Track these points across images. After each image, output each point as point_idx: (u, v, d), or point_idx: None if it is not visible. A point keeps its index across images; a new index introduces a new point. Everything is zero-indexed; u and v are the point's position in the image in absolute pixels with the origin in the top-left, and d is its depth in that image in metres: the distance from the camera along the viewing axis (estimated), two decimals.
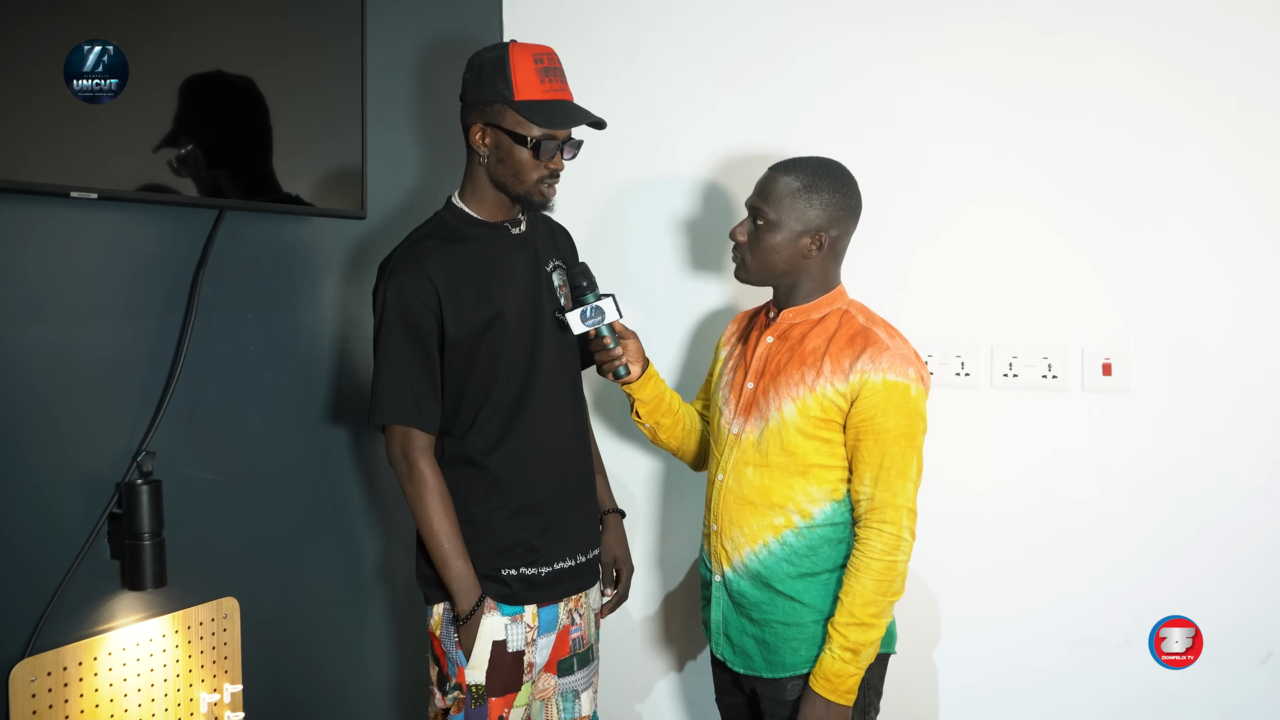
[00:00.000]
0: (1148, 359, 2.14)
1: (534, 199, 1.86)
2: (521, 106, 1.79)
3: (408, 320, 1.80)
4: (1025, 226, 2.19)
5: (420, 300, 1.80)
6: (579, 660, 1.97)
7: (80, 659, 1.55)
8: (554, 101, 1.81)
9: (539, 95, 1.80)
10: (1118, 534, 2.17)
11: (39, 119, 1.44)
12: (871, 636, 1.75)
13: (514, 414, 1.87)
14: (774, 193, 1.81)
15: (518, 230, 1.93)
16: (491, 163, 1.85)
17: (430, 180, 2.29)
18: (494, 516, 1.86)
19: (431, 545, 1.82)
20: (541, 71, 1.81)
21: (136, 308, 1.67)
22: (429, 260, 1.82)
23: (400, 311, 1.80)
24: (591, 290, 1.89)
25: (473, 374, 1.84)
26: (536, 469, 1.89)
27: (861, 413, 1.75)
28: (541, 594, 1.88)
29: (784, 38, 2.34)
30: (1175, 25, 2.09)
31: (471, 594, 1.82)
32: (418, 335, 1.81)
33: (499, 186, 1.87)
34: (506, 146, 1.82)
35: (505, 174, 1.84)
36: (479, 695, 1.84)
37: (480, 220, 1.89)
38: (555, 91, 1.82)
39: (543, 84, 1.80)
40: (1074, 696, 2.20)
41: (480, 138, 1.84)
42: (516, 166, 1.83)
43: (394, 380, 1.81)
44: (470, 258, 1.86)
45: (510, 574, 1.86)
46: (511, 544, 1.86)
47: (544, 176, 1.84)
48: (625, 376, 1.93)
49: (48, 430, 1.55)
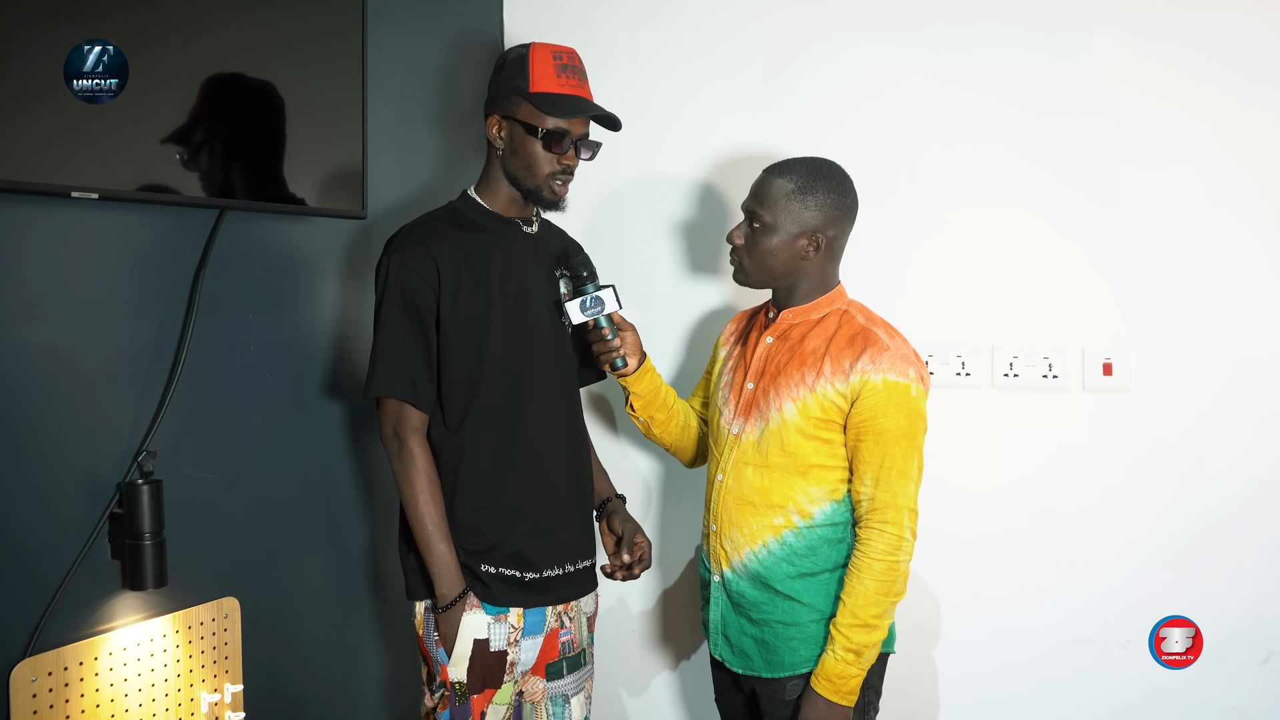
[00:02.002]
0: (1148, 359, 2.14)
1: (544, 195, 1.86)
2: (535, 98, 1.81)
3: (408, 296, 1.81)
4: (1026, 226, 2.19)
5: (421, 277, 1.80)
6: (569, 664, 1.96)
7: (81, 659, 1.55)
8: (567, 95, 1.83)
9: (554, 89, 1.82)
10: (1118, 534, 2.17)
11: (39, 119, 1.44)
12: (874, 638, 1.75)
13: (505, 413, 1.86)
14: (769, 195, 1.81)
15: (530, 229, 1.93)
16: (506, 154, 1.86)
17: (431, 180, 2.29)
18: (480, 515, 1.85)
19: (416, 527, 1.81)
20: (559, 68, 1.83)
21: (136, 308, 1.67)
22: (434, 240, 1.83)
23: (401, 287, 1.81)
24: (592, 280, 1.89)
25: (463, 362, 1.84)
26: (527, 472, 1.88)
27: (862, 413, 1.75)
28: (524, 598, 1.87)
29: (784, 38, 2.34)
30: (1175, 25, 2.09)
31: (453, 582, 1.81)
32: (416, 312, 1.81)
33: (512, 180, 1.88)
34: (520, 138, 1.84)
35: (518, 166, 1.85)
36: (462, 692, 1.83)
37: (493, 213, 1.90)
38: (572, 87, 1.84)
39: (559, 78, 1.83)
40: (1074, 696, 2.20)
41: (496, 130, 1.86)
42: (528, 159, 1.84)
43: (391, 355, 1.81)
44: (476, 246, 1.86)
45: (490, 572, 1.85)
46: (495, 544, 1.85)
47: (556, 171, 1.84)
48: (622, 368, 1.93)
49: (48, 430, 1.55)
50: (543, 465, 1.90)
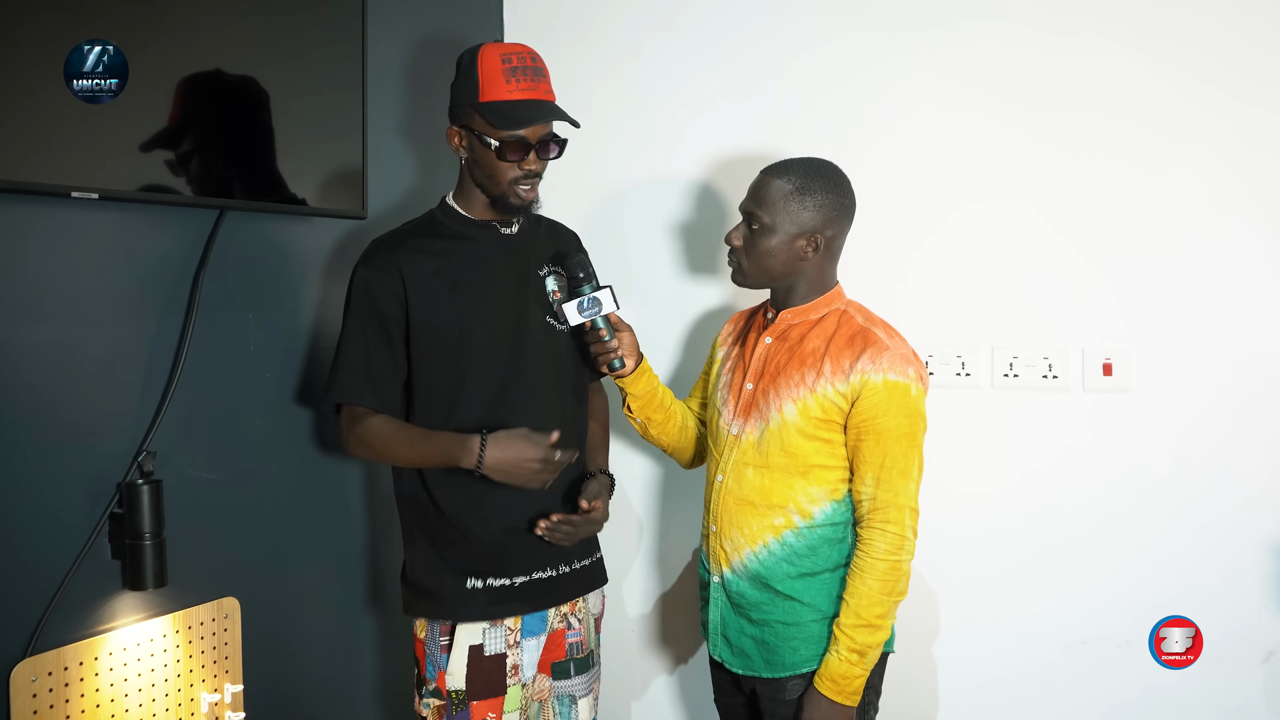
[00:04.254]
0: (1148, 359, 2.14)
1: (510, 200, 1.83)
2: (484, 108, 1.76)
3: (369, 304, 1.80)
4: (1026, 226, 2.19)
5: (384, 285, 1.79)
6: (576, 665, 1.95)
7: (81, 659, 1.55)
8: (516, 101, 1.75)
9: (502, 96, 1.76)
10: (1118, 534, 2.17)
11: (39, 119, 1.44)
12: (878, 638, 1.75)
13: (490, 418, 1.82)
14: (767, 196, 1.81)
15: (508, 230, 1.90)
16: (469, 164, 1.84)
17: (430, 180, 2.29)
18: (468, 520, 1.83)
19: (414, 458, 1.78)
20: (508, 71, 1.76)
21: (136, 308, 1.67)
22: (401, 249, 1.82)
23: (363, 294, 1.80)
24: (589, 282, 1.87)
25: (442, 372, 1.82)
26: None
27: (862, 413, 1.75)
28: (516, 606, 1.85)
29: (785, 39, 2.34)
30: (1176, 25, 2.09)
31: (471, 444, 1.74)
32: (379, 320, 1.80)
33: (480, 188, 1.85)
34: (478, 150, 1.80)
35: (481, 176, 1.83)
36: (460, 701, 1.82)
37: (469, 219, 1.88)
38: (523, 90, 1.76)
39: (508, 84, 1.75)
40: (1074, 696, 2.20)
41: (457, 140, 1.83)
42: (489, 168, 1.81)
43: (351, 362, 1.80)
44: (450, 253, 1.85)
45: (476, 586, 1.83)
46: (483, 550, 1.83)
47: (518, 178, 1.80)
48: (620, 369, 1.92)
49: (48, 430, 1.55)
50: None
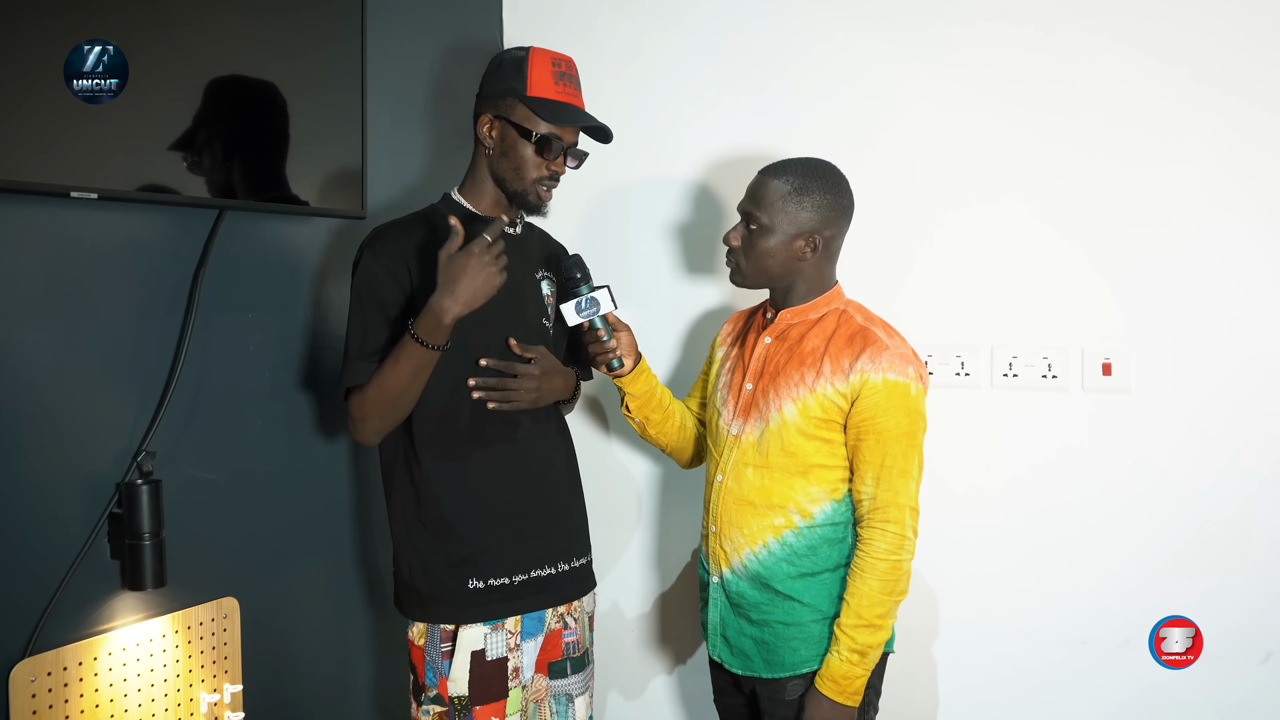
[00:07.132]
0: (1148, 359, 2.14)
1: (529, 199, 1.86)
2: (532, 101, 1.81)
3: (375, 289, 1.80)
4: (1025, 226, 2.19)
5: (391, 271, 1.80)
6: (573, 665, 1.95)
7: (80, 659, 1.55)
8: (564, 103, 1.84)
9: (551, 94, 1.82)
10: (1118, 534, 2.16)
11: (39, 119, 1.44)
12: (879, 638, 1.75)
13: (486, 415, 1.83)
14: (765, 196, 1.81)
15: (512, 230, 1.92)
16: (495, 155, 1.86)
17: (430, 179, 2.29)
18: (464, 516, 1.83)
19: (405, 377, 1.72)
20: (557, 75, 1.84)
21: (136, 308, 1.67)
22: (407, 237, 1.83)
23: (370, 280, 1.80)
24: (585, 282, 1.88)
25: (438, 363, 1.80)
26: (512, 472, 1.86)
27: (862, 412, 1.75)
28: (516, 605, 1.85)
29: (785, 39, 2.34)
30: (1175, 25, 2.09)
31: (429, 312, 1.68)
32: (382, 306, 1.80)
33: (498, 182, 1.87)
34: (511, 140, 1.83)
35: (506, 168, 1.85)
36: (462, 707, 1.82)
37: (475, 213, 1.89)
38: (567, 96, 1.85)
39: (556, 85, 1.84)
40: (1074, 696, 2.20)
41: (488, 129, 1.85)
42: (518, 161, 1.83)
43: (358, 350, 1.79)
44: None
45: (478, 586, 1.83)
46: (482, 548, 1.83)
47: (543, 177, 1.84)
48: (618, 369, 1.92)
49: (48, 430, 1.55)
50: (531, 465, 1.89)
